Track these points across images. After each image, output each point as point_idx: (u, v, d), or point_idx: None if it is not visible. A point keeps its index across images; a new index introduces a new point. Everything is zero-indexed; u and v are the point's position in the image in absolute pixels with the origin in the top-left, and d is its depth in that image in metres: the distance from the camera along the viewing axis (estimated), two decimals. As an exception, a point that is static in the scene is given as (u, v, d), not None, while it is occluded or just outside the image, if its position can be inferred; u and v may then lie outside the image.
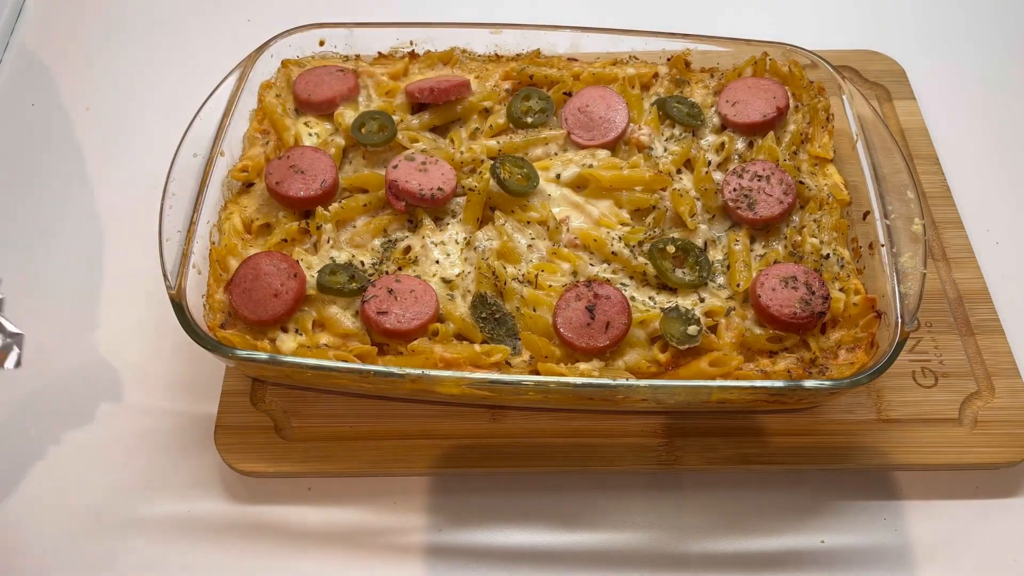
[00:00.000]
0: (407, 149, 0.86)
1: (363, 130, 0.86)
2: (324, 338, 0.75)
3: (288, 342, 0.74)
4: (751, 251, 0.81)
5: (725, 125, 0.89)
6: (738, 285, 0.77)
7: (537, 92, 0.90)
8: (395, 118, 0.88)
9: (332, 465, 0.79)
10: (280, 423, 0.81)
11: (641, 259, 0.79)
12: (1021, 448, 0.77)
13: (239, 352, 0.71)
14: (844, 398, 0.80)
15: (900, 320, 0.71)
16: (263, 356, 0.71)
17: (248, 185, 0.86)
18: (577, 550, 0.75)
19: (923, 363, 0.83)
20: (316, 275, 0.77)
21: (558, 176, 0.85)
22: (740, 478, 0.78)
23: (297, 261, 0.78)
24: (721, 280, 0.79)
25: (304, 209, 0.83)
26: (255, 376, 0.82)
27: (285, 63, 0.94)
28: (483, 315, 0.76)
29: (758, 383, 0.69)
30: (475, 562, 0.75)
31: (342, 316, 0.76)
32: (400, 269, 0.79)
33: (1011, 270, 0.90)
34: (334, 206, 0.82)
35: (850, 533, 0.76)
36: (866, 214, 0.81)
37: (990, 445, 0.77)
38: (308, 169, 0.83)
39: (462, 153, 0.85)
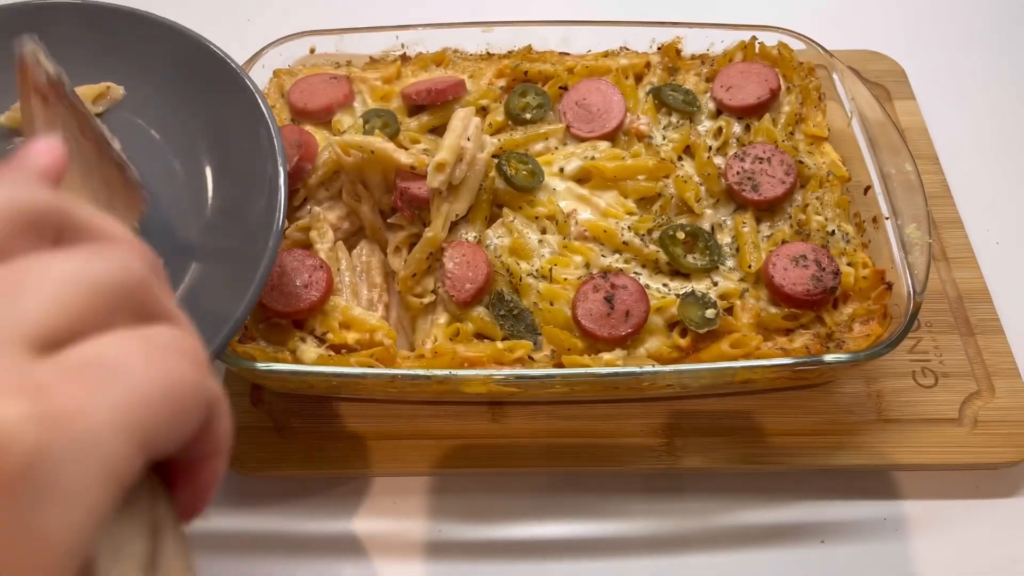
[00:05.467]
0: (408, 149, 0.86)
1: (367, 127, 0.86)
2: (352, 336, 0.75)
3: (310, 352, 0.74)
4: (758, 232, 0.82)
5: (720, 110, 0.90)
6: (749, 266, 0.78)
7: (533, 88, 0.90)
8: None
9: (332, 465, 0.78)
10: (280, 423, 0.80)
11: (652, 247, 0.80)
12: (1021, 448, 0.78)
13: (260, 366, 0.71)
14: (846, 399, 0.80)
15: (912, 290, 0.73)
16: (286, 368, 0.71)
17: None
18: (577, 550, 0.75)
19: (923, 363, 0.83)
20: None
21: (561, 170, 0.85)
22: (740, 478, 0.79)
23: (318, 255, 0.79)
24: (731, 263, 0.80)
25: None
26: (276, 388, 0.81)
27: (277, 73, 0.93)
28: (501, 312, 0.76)
29: (781, 360, 0.70)
30: (475, 562, 0.74)
31: (368, 315, 0.76)
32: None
33: (1011, 270, 0.91)
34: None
35: (850, 533, 0.76)
36: (867, 189, 0.83)
37: (990, 445, 0.78)
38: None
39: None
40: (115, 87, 0.77)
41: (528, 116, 0.89)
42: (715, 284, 0.78)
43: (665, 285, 0.78)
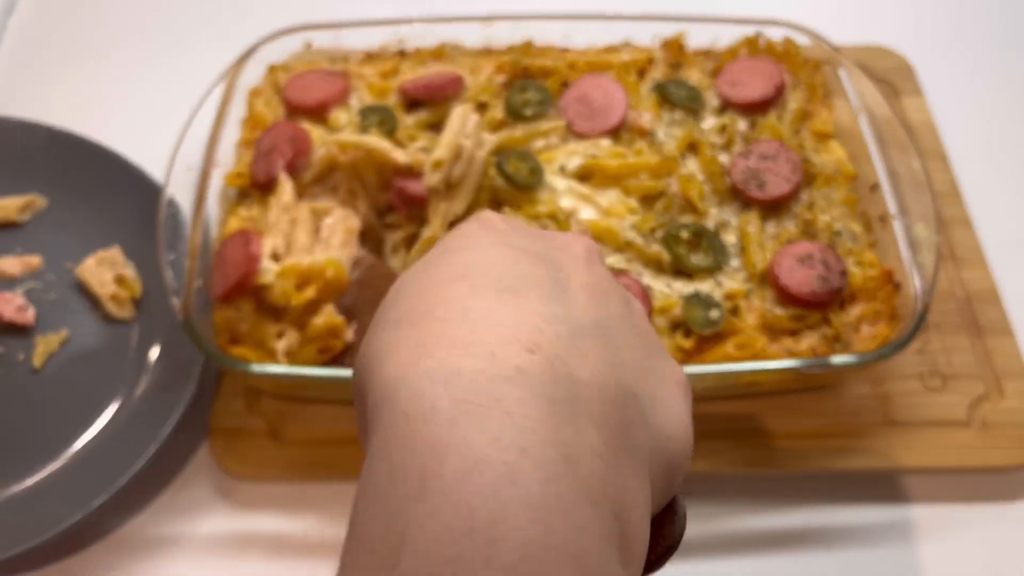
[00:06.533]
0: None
1: (363, 124, 0.84)
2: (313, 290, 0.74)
3: (281, 344, 0.73)
4: (763, 231, 0.80)
5: (725, 106, 0.88)
6: (755, 267, 0.77)
7: (534, 84, 0.89)
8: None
9: (328, 469, 0.77)
10: (275, 426, 0.79)
11: (655, 246, 0.78)
12: (1029, 451, 0.76)
13: (254, 367, 0.69)
14: (853, 401, 0.79)
15: (920, 291, 0.71)
16: (279, 369, 0.69)
17: (243, 195, 0.84)
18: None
19: (931, 365, 0.82)
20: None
21: (562, 168, 0.83)
22: (744, 481, 0.77)
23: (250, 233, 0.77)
24: (736, 263, 0.79)
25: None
26: (270, 390, 0.79)
27: (272, 68, 0.91)
28: (501, 313, 0.74)
29: (788, 363, 0.68)
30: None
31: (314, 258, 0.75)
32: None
33: (1021, 270, 0.89)
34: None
35: (857, 537, 0.75)
36: (874, 187, 0.81)
37: (999, 448, 0.76)
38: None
39: (466, 148, 0.84)
40: (39, 198, 0.90)
41: (528, 112, 0.87)
42: (719, 284, 0.76)
43: (668, 286, 0.77)
